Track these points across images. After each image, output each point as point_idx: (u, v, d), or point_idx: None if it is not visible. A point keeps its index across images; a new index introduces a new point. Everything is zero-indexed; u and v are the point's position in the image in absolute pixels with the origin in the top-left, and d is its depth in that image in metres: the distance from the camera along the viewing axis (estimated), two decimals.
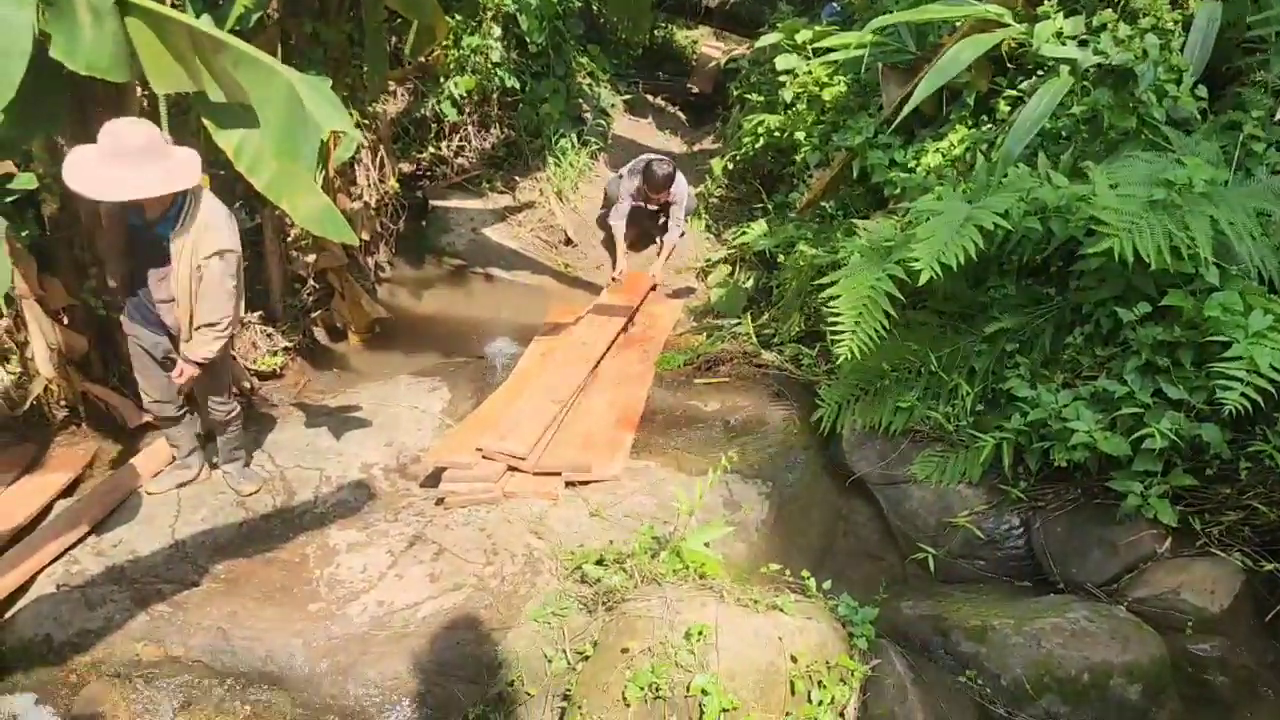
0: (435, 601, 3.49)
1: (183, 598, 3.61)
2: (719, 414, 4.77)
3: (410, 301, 6.90)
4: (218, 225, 3.62)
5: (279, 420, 5.11)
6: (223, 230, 3.63)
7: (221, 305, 3.66)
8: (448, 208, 7.47)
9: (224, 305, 3.67)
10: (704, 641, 2.85)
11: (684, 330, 6.08)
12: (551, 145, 7.65)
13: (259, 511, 4.23)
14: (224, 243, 3.61)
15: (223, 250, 3.60)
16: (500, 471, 4.20)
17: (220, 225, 3.63)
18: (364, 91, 6.04)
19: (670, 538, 3.52)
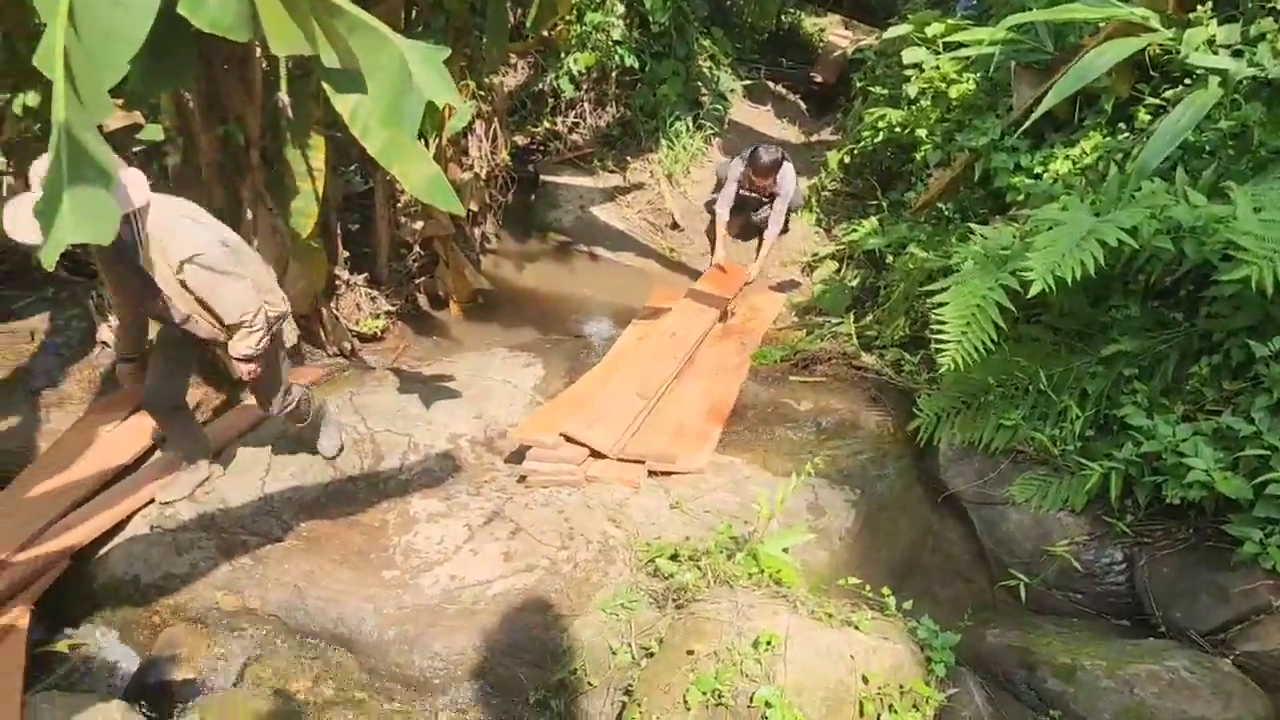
0: (507, 581, 3.48)
1: (265, 552, 3.69)
2: (812, 414, 4.63)
3: (513, 275, 6.93)
4: (171, 232, 3.27)
5: (374, 383, 5.18)
6: (178, 235, 3.28)
7: (232, 303, 3.40)
8: (557, 184, 7.47)
9: (235, 302, 3.40)
10: (773, 652, 2.76)
11: (784, 325, 5.94)
12: (666, 127, 7.57)
13: (346, 473, 4.29)
14: (185, 249, 3.27)
15: (190, 256, 3.27)
16: (584, 454, 4.16)
17: (175, 231, 3.28)
18: (482, 63, 6.05)
19: (748, 539, 3.43)
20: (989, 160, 5.08)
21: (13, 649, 3.18)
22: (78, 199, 2.99)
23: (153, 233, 3.25)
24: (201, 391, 4.82)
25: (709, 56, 8.36)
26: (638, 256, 7.08)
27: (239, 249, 3.52)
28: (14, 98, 4.71)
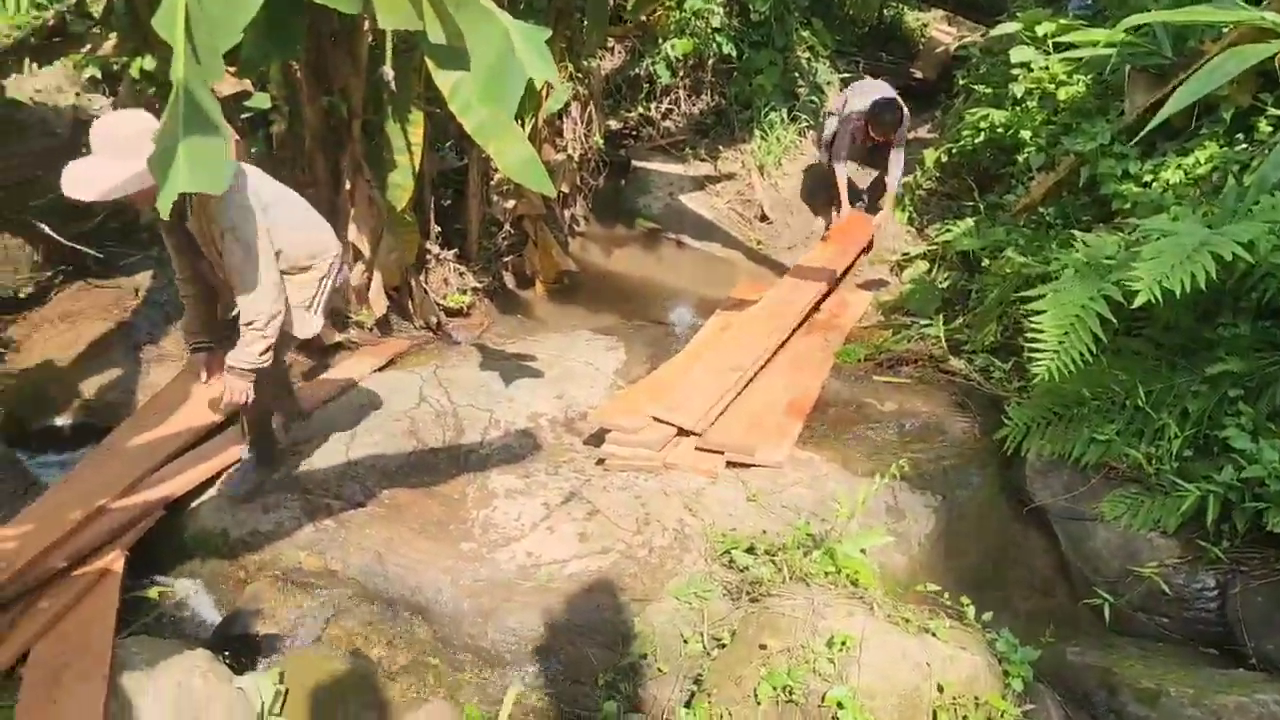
0: (582, 561, 3.50)
1: (347, 516, 3.77)
2: (894, 415, 4.56)
3: (599, 258, 6.96)
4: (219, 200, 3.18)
5: (458, 357, 5.26)
6: (226, 207, 3.19)
7: (255, 298, 3.27)
8: (648, 170, 7.46)
9: (258, 298, 3.28)
10: (846, 653, 2.73)
11: (869, 323, 5.85)
12: (760, 118, 7.50)
13: (428, 444, 4.36)
14: (227, 219, 3.19)
15: (229, 228, 3.20)
16: (663, 441, 4.16)
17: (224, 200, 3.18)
18: (582, 45, 6.07)
19: (826, 537, 3.39)
20: (1096, 166, 4.92)
21: (107, 592, 3.31)
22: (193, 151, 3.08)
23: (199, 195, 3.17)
24: (289, 357, 4.94)
25: (808, 48, 8.26)
26: (725, 247, 7.04)
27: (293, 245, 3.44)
28: (132, 61, 4.87)
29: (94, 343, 5.50)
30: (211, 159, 3.04)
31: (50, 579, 3.29)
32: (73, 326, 5.59)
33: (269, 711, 3.00)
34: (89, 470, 4.05)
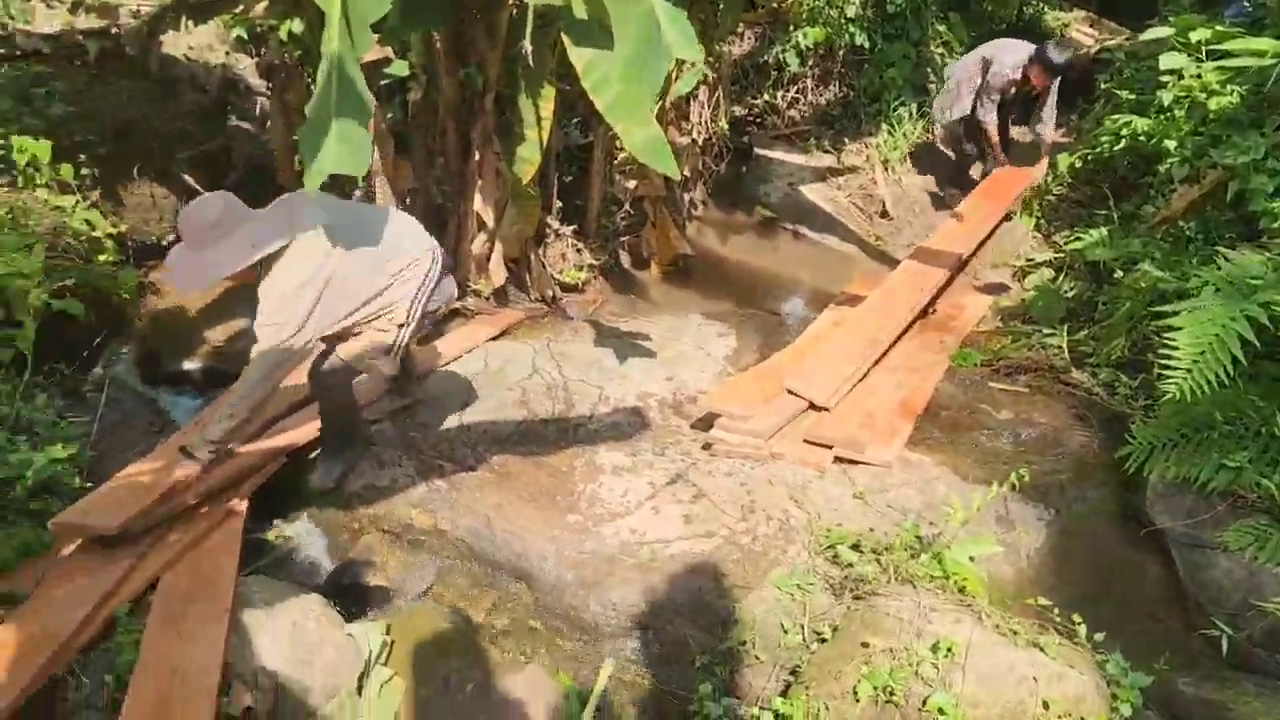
0: (685, 543, 3.52)
1: (459, 479, 3.86)
2: (1009, 424, 4.45)
3: (715, 244, 6.95)
4: (273, 290, 3.22)
5: (571, 333, 5.32)
6: (274, 300, 3.22)
7: (246, 386, 3.29)
8: (769, 158, 7.41)
9: (249, 386, 3.28)
10: (951, 659, 2.69)
11: (986, 328, 5.71)
12: (889, 112, 7.37)
13: (538, 415, 4.43)
14: (277, 313, 3.22)
15: (273, 323, 3.22)
16: (772, 430, 4.15)
17: (277, 290, 3.22)
18: (714, 29, 6.05)
19: (933, 541, 3.34)
20: (1246, 181, 4.69)
21: (232, 532, 3.47)
22: (342, 132, 3.19)
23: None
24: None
25: (942, 43, 8.06)
26: (842, 240, 6.95)
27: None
28: (281, 24, 5.04)
29: (229, 292, 5.73)
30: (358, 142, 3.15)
31: (180, 515, 3.46)
32: None
33: (376, 660, 3.10)
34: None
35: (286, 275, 3.22)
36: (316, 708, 2.88)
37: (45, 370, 4.34)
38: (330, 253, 3.28)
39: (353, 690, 2.98)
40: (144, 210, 5.72)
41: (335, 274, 3.29)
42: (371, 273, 3.42)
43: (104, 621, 2.98)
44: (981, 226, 6.40)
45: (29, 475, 3.39)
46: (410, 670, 3.14)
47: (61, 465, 3.52)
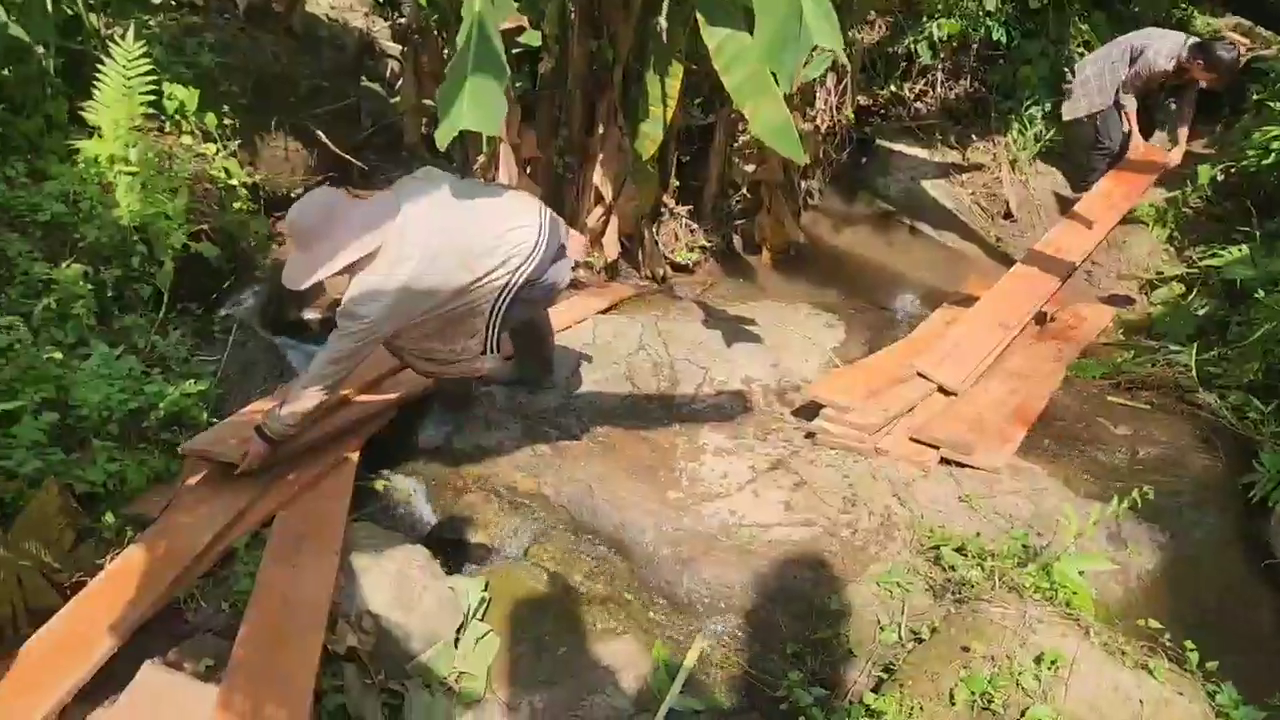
0: (784, 530, 3.51)
1: (564, 446, 3.92)
2: (1127, 441, 4.30)
3: (829, 234, 6.86)
4: (361, 284, 3.22)
5: (679, 312, 5.33)
6: (358, 291, 3.22)
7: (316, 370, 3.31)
8: (891, 150, 7.27)
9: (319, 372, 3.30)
10: (1055, 673, 2.63)
11: (1108, 341, 5.52)
12: (1021, 111, 7.14)
13: (643, 390, 4.46)
14: (356, 304, 3.22)
15: (353, 313, 3.22)
16: (877, 425, 4.09)
17: (364, 284, 3.22)
18: (849, 15, 5.95)
19: (1042, 552, 3.26)
20: None
21: (344, 476, 3.59)
22: (477, 90, 3.24)
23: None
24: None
25: (1082, 42, 7.77)
26: (961, 239, 6.79)
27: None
28: None
29: None
30: (492, 101, 3.19)
31: (297, 457, 3.59)
32: None
33: (473, 614, 3.17)
34: None
35: (372, 268, 3.21)
36: (415, 654, 2.97)
37: (179, 309, 4.54)
38: (417, 254, 3.22)
39: (450, 641, 3.06)
40: (277, 162, 5.91)
41: (420, 274, 3.24)
42: (459, 271, 3.35)
43: (224, 551, 3.12)
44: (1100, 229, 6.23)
45: (162, 407, 3.56)
46: (505, 627, 3.21)
47: (191, 400, 3.68)
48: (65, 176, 4.34)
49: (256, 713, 2.41)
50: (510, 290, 3.48)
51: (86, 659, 2.54)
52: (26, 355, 3.41)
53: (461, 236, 3.36)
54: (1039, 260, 5.84)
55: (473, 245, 3.38)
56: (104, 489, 3.23)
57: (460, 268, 3.36)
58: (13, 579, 2.68)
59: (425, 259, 3.24)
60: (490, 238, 3.41)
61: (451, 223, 3.36)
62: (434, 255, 3.27)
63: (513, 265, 3.45)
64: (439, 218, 3.34)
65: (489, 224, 3.43)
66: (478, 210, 3.46)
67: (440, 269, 3.31)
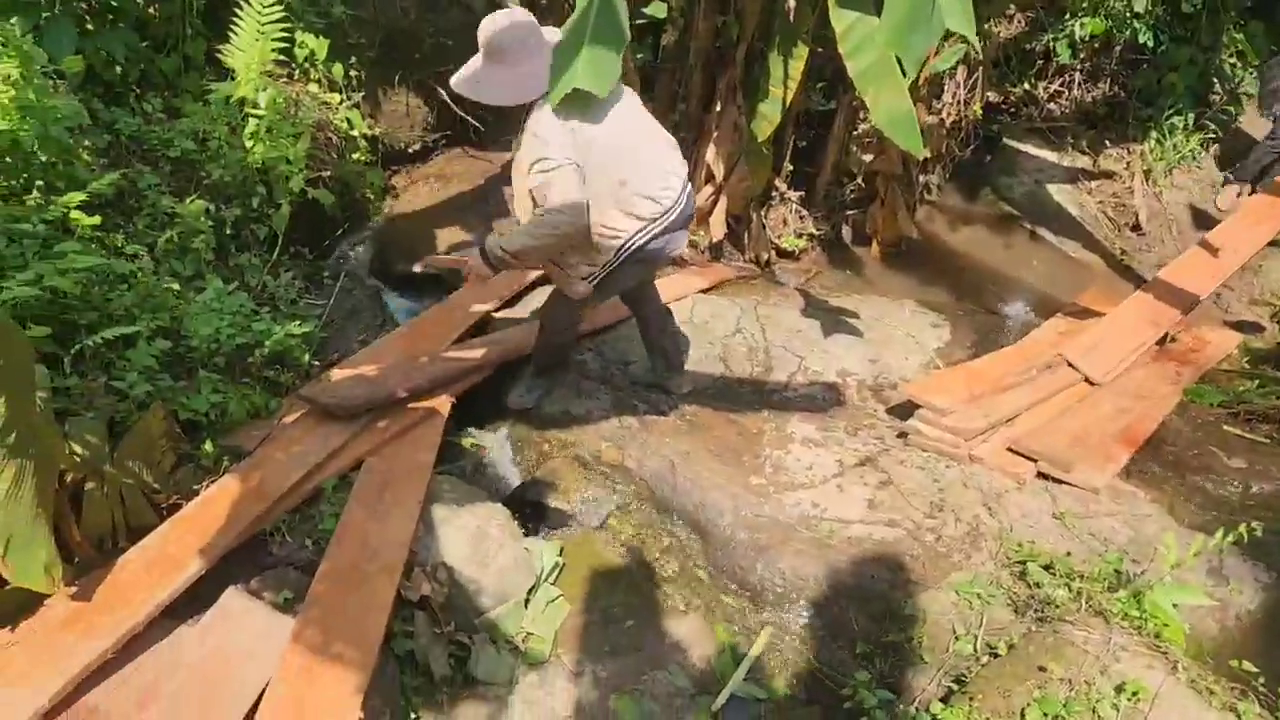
0: (866, 528, 3.44)
1: (651, 421, 3.91)
2: (1242, 474, 4.08)
3: (944, 231, 6.67)
4: (545, 136, 3.06)
5: (780, 298, 5.26)
6: (550, 141, 3.05)
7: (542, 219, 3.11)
8: (1018, 150, 7.01)
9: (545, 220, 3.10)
10: (1135, 704, 2.52)
11: (1231, 368, 5.24)
12: (1161, 119, 6.80)
13: (735, 373, 4.42)
14: (545, 151, 3.05)
15: (540, 159, 3.05)
16: (975, 431, 3.97)
17: (547, 137, 3.06)
18: (985, 6, 5.75)
19: (1136, 579, 3.12)
20: None
21: (433, 429, 3.64)
22: (593, 53, 3.22)
23: (531, 124, 3.12)
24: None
25: (1236, 52, 7.35)
26: (1083, 249, 6.52)
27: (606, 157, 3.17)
28: None
29: (457, 206, 6.00)
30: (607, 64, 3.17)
31: (390, 406, 3.66)
32: (444, 187, 6.13)
33: (546, 578, 3.20)
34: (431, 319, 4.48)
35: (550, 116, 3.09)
36: (486, 609, 3.01)
37: (291, 253, 4.67)
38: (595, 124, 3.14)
39: (520, 601, 3.10)
40: (398, 118, 6.02)
41: (593, 141, 3.12)
42: (618, 171, 3.22)
43: (312, 490, 3.21)
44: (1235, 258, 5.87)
45: (267, 345, 3.67)
46: (577, 594, 3.23)
47: (296, 341, 3.79)
48: (197, 115, 4.49)
49: (327, 647, 2.48)
50: (643, 235, 3.33)
51: (176, 578, 2.64)
52: (147, 283, 3.55)
53: (632, 141, 3.27)
54: (1192, 265, 5.59)
55: (640, 159, 3.28)
56: (206, 418, 3.35)
57: (621, 166, 3.22)
58: (115, 494, 2.80)
59: (598, 128, 3.14)
60: (652, 167, 3.31)
61: (628, 123, 3.28)
62: (607, 132, 3.16)
63: (655, 211, 3.31)
64: (619, 110, 3.25)
65: (658, 155, 3.35)
66: (654, 137, 3.38)
67: (608, 148, 3.17)
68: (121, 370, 3.23)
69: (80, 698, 2.34)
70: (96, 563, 2.71)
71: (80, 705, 2.33)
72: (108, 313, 3.35)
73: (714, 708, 2.98)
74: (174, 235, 3.96)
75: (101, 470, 2.77)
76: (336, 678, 2.40)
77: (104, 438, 2.89)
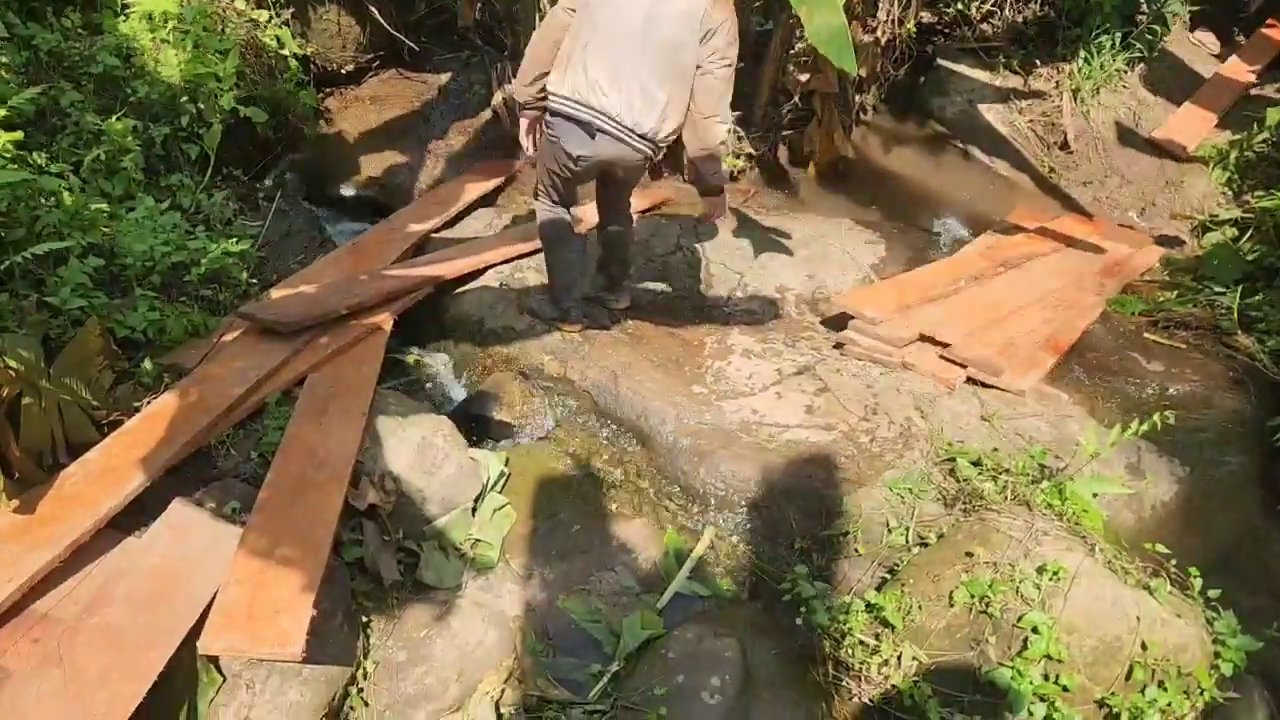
0: (803, 431, 3.54)
1: (593, 334, 3.95)
2: (1158, 376, 4.26)
3: (878, 152, 6.73)
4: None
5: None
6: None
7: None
8: (951, 71, 7.07)
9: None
10: (1055, 583, 2.66)
11: (1152, 279, 5.43)
12: (1089, 39, 6.90)
13: (676, 289, 4.48)
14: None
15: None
16: (905, 340, 4.08)
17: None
18: None
19: (1058, 473, 3.27)
20: None
21: (375, 345, 3.65)
22: None
23: None
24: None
25: None
26: (1013, 167, 6.64)
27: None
28: None
29: (392, 128, 5.93)
30: None
31: (332, 323, 3.66)
32: (379, 109, 6.04)
33: (492, 486, 3.26)
34: (373, 239, 4.45)
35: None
36: (433, 517, 3.07)
37: (225, 173, 4.59)
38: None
39: (467, 509, 3.16)
40: (329, 37, 5.87)
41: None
42: (581, 29, 3.33)
43: (256, 405, 3.21)
44: None
45: (203, 263, 3.63)
46: (523, 502, 3.30)
47: (233, 259, 3.75)
48: (118, 30, 4.35)
49: (274, 552, 2.52)
50: (565, 105, 3.38)
51: (120, 490, 2.65)
52: (76, 201, 3.48)
53: (610, 24, 3.31)
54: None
55: (609, 38, 3.30)
56: (144, 336, 3.33)
57: (586, 28, 3.32)
58: (54, 409, 2.79)
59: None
60: (603, 71, 3.31)
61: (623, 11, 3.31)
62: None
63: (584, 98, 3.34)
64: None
65: (616, 61, 3.32)
66: (631, 43, 3.32)
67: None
68: (54, 287, 3.18)
69: (30, 605, 2.35)
70: (38, 479, 2.70)
71: (30, 612, 2.34)
72: (35, 230, 3.28)
73: (659, 605, 3.08)
74: (101, 154, 3.87)
75: (37, 385, 2.74)
76: (286, 578, 2.44)
77: (38, 353, 2.86)
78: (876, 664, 2.74)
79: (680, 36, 3.28)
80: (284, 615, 2.34)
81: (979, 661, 2.64)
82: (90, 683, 2.17)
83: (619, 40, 3.29)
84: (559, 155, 3.50)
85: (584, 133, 3.39)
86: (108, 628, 2.32)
